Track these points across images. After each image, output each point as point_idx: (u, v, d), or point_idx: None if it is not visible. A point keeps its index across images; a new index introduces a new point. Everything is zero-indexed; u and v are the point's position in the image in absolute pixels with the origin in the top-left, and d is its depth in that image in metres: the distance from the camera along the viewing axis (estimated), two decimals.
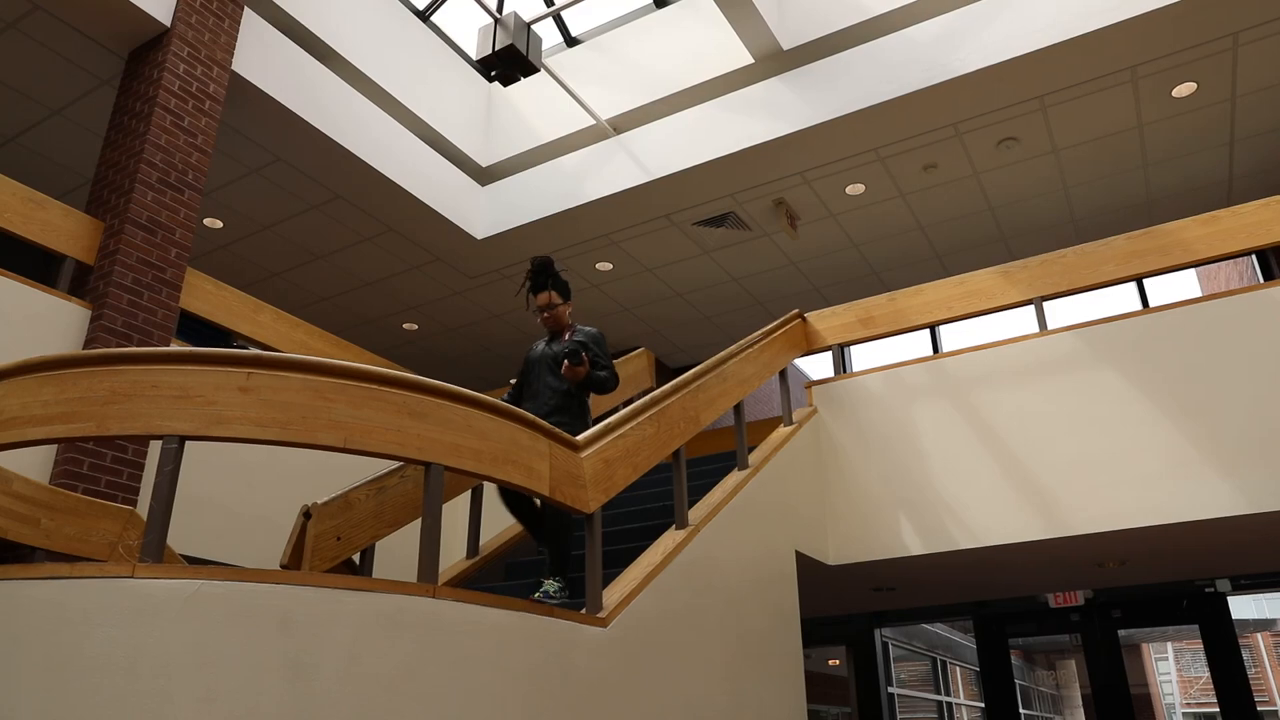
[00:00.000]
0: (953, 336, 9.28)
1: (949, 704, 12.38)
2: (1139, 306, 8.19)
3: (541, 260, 4.36)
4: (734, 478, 4.74)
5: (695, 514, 4.23)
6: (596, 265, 8.81)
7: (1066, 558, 5.84)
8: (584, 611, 3.24)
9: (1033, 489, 5.24)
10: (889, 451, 5.79)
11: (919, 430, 5.73)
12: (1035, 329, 5.66)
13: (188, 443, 2.52)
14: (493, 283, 9.10)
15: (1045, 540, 5.17)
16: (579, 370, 3.92)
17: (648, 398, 3.99)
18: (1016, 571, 6.35)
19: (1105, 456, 5.07)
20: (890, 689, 9.52)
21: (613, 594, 3.42)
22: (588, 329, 4.39)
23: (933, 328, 8.89)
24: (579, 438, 3.40)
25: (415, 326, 9.99)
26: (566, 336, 4.37)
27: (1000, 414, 5.51)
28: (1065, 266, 5.63)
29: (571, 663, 3.00)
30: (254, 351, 2.62)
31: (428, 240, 8.38)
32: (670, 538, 3.97)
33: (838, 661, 11.09)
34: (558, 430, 3.22)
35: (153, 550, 2.38)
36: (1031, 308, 5.83)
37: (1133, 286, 8.39)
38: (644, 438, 3.80)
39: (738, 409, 4.96)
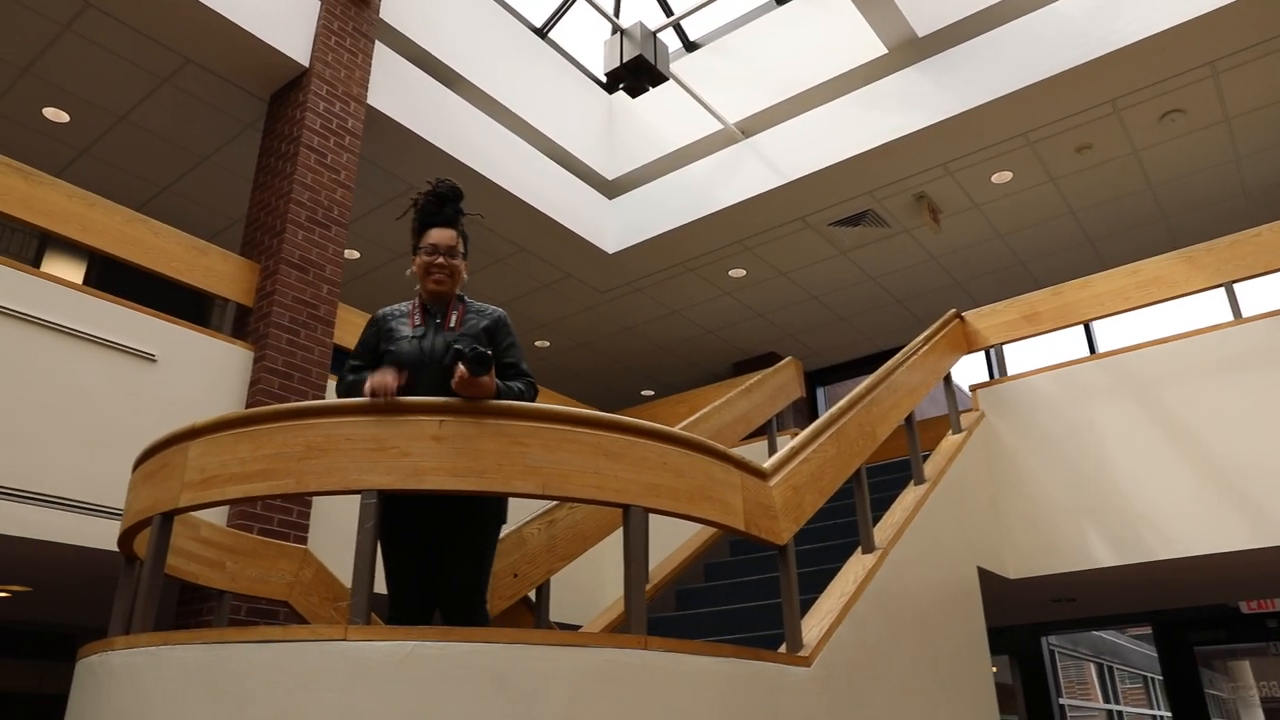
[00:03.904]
0: (1109, 331, 8.69)
1: (1119, 712, 11.68)
2: None
3: (452, 184, 3.03)
4: (912, 493, 4.48)
5: (879, 535, 4.00)
6: (729, 272, 8.62)
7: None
8: (783, 650, 3.07)
9: (1239, 493, 4.81)
10: (1067, 457, 5.42)
11: (1100, 433, 5.34)
12: (1199, 318, 5.23)
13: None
14: (624, 296, 9.02)
15: (1258, 549, 4.73)
16: (483, 384, 2.50)
17: (825, 417, 3.78)
18: (1212, 578, 5.87)
19: None
20: (1061, 699, 9.00)
21: (811, 629, 3.23)
22: (488, 308, 3.02)
23: (1087, 324, 8.38)
24: (766, 465, 3.22)
25: (547, 344, 10.01)
26: (453, 319, 2.94)
27: (1193, 412, 5.08)
28: (1260, 246, 5.15)
29: (779, 706, 2.82)
30: (443, 399, 2.53)
31: (559, 257, 8.35)
32: (859, 563, 3.75)
33: (994, 669, 10.59)
34: (746, 459, 3.05)
35: (361, 611, 2.31)
36: (1198, 298, 5.41)
37: None
38: (827, 459, 3.59)
39: (909, 420, 4.70)
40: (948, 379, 5.59)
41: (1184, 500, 4.96)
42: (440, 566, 2.86)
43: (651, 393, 11.23)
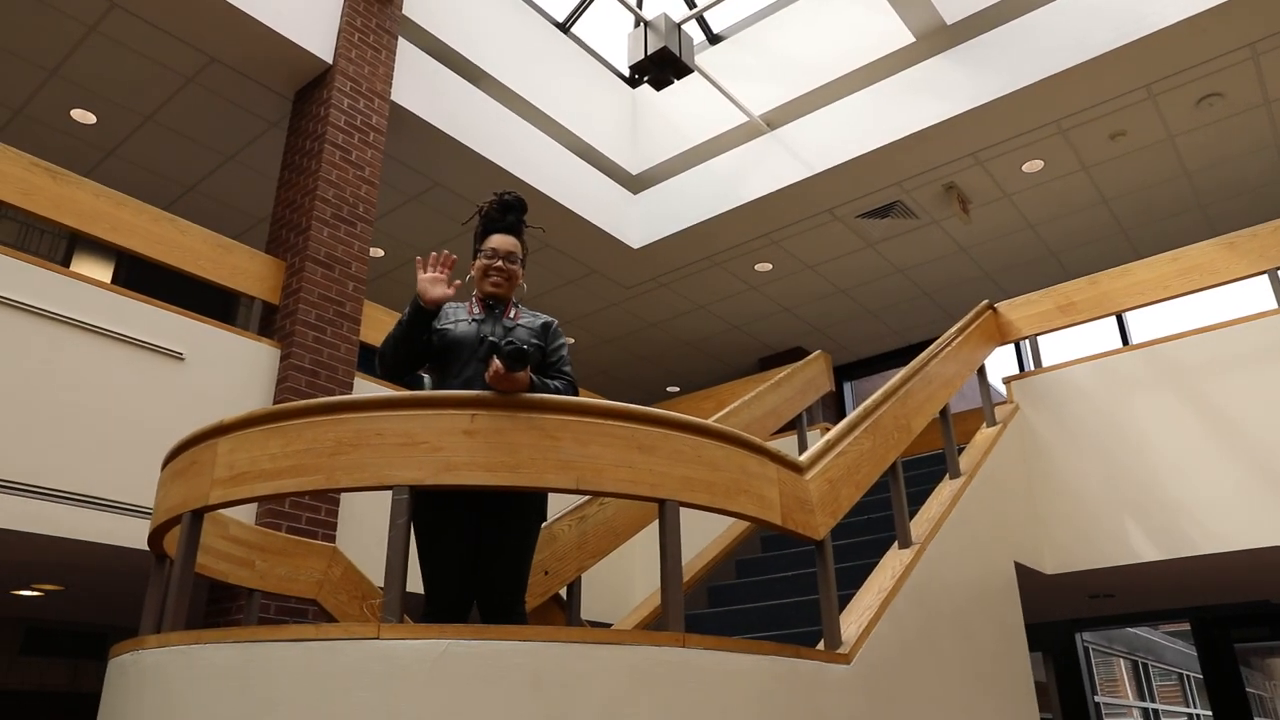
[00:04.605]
0: (1142, 323, 8.52)
1: (1155, 711, 11.49)
2: None
3: (518, 195, 3.14)
4: (948, 487, 4.40)
5: (916, 530, 3.92)
6: (755, 267, 8.54)
7: None
8: (821, 647, 3.00)
9: None
10: (1106, 449, 5.31)
11: (1140, 425, 5.22)
12: (1234, 308, 5.09)
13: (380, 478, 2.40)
14: (649, 291, 8.96)
15: None
16: (518, 379, 2.50)
17: (860, 409, 3.70)
18: (1256, 573, 5.72)
19: None
20: (1096, 697, 8.86)
21: (849, 626, 3.16)
22: (539, 315, 3.12)
23: (1120, 316, 8.25)
24: (802, 458, 3.15)
25: (572, 340, 9.96)
26: (513, 314, 3.06)
27: (1237, 402, 4.95)
28: None
29: (820, 704, 2.75)
30: (474, 392, 2.49)
31: (584, 254, 8.30)
32: (896, 558, 3.67)
33: None
34: (781, 452, 2.98)
35: (394, 609, 2.27)
36: (1236, 289, 5.29)
37: None
38: (863, 452, 3.52)
39: (944, 412, 4.61)
40: (981, 371, 5.49)
41: (1227, 493, 4.84)
42: (483, 564, 2.81)
43: (677, 389, 11.17)
